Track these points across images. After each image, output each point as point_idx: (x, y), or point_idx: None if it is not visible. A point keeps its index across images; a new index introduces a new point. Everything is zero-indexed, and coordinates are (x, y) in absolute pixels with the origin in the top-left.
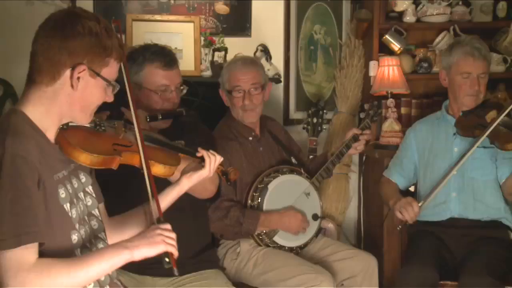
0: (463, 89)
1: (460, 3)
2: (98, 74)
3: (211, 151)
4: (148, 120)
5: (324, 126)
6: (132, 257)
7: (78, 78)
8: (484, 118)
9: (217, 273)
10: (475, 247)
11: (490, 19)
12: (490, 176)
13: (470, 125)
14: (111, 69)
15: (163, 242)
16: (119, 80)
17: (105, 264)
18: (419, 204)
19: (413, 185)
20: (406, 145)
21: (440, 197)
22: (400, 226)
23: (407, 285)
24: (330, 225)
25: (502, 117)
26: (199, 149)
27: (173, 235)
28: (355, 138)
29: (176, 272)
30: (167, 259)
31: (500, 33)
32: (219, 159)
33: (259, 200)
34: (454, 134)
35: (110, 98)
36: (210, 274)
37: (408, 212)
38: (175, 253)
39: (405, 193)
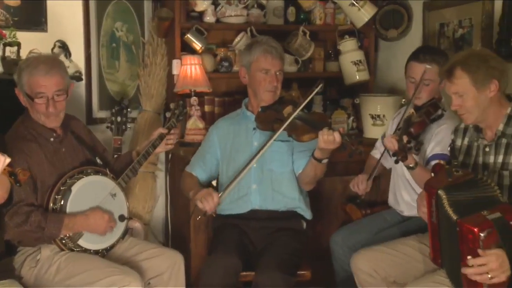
0: (263, 85)
1: (255, 6)
2: None
3: None
4: None
5: (129, 125)
6: None
7: None
8: (282, 113)
9: (11, 283)
10: (272, 239)
11: (282, 22)
12: (287, 168)
13: (268, 119)
14: None
15: None
16: None
17: None
18: (219, 195)
19: (215, 180)
20: (209, 141)
21: (242, 190)
22: (199, 217)
23: (212, 273)
24: (137, 225)
25: (298, 111)
26: None
27: None
28: (162, 137)
29: None
30: None
31: (291, 36)
32: (3, 160)
33: (61, 203)
34: (254, 129)
35: None
36: (3, 284)
37: (208, 202)
38: None
39: (207, 187)
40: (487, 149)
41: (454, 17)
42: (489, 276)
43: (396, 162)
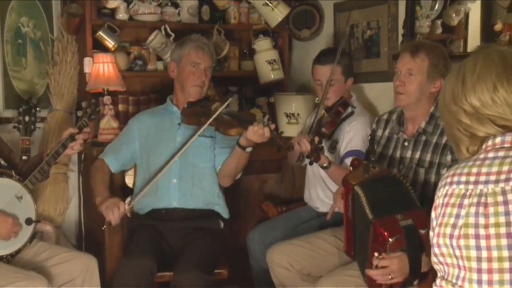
0: (191, 79)
1: (169, 4)
2: None
3: None
4: None
5: (38, 125)
6: None
7: None
8: (209, 109)
9: None
10: (190, 240)
11: (197, 21)
12: (209, 163)
13: (196, 114)
14: None
15: None
16: None
17: None
18: (127, 202)
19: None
20: (128, 133)
21: (162, 183)
22: (104, 227)
23: (125, 275)
24: (47, 228)
25: (224, 106)
26: None
27: None
28: (72, 137)
29: None
30: None
31: (206, 35)
32: None
33: None
34: (179, 124)
35: None
36: None
37: (113, 214)
38: None
39: (124, 188)
40: (406, 144)
41: (362, 18)
42: (390, 277)
43: (311, 163)
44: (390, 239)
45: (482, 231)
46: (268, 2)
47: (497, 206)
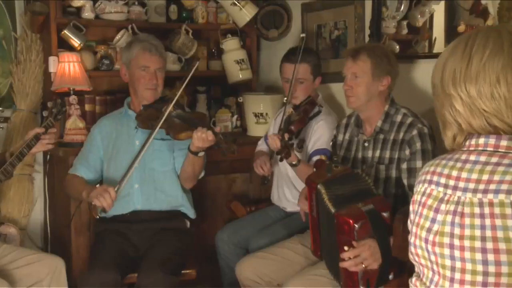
0: (142, 83)
1: (136, 3)
2: None
3: None
4: None
5: (1, 125)
6: None
7: None
8: (162, 111)
9: None
10: (156, 241)
11: (164, 20)
12: (168, 167)
13: (149, 118)
14: None
15: None
16: None
17: None
18: (115, 189)
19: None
20: (91, 141)
21: (124, 190)
22: (98, 216)
23: None
24: (11, 230)
25: (170, 107)
26: None
27: None
28: (37, 137)
29: None
30: None
31: (174, 34)
32: None
33: None
34: (136, 127)
35: None
36: None
37: (105, 199)
38: None
39: None
40: (366, 144)
41: (330, 19)
42: (363, 265)
43: (281, 160)
44: (356, 225)
45: (457, 242)
46: (236, 2)
47: (473, 218)
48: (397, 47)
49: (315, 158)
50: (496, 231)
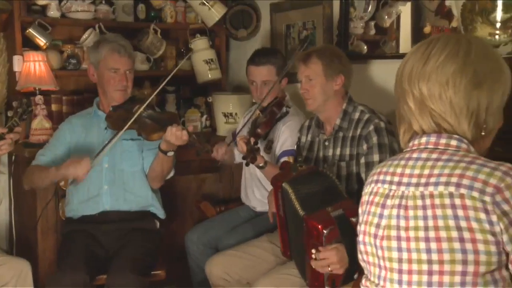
0: (112, 84)
1: (104, 2)
2: None
3: None
4: None
5: None
6: None
7: None
8: (132, 112)
9: None
10: (125, 241)
11: (132, 19)
12: (138, 167)
13: (119, 118)
14: None
15: None
16: None
17: None
18: (91, 164)
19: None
20: (59, 137)
21: (93, 190)
22: (68, 187)
23: None
24: None
25: (142, 109)
26: None
27: None
28: (1, 137)
29: None
30: None
31: (142, 34)
32: None
33: None
34: (106, 128)
35: None
36: None
37: (81, 165)
38: None
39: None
40: (326, 143)
41: (299, 19)
42: (330, 269)
43: (247, 164)
44: (325, 231)
45: (403, 233)
46: (205, 2)
47: (416, 210)
48: (365, 47)
49: (282, 159)
50: (437, 219)
